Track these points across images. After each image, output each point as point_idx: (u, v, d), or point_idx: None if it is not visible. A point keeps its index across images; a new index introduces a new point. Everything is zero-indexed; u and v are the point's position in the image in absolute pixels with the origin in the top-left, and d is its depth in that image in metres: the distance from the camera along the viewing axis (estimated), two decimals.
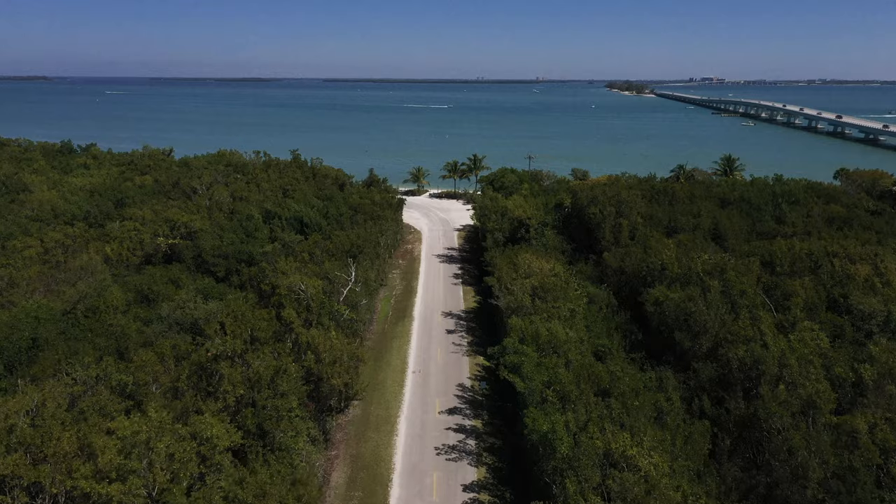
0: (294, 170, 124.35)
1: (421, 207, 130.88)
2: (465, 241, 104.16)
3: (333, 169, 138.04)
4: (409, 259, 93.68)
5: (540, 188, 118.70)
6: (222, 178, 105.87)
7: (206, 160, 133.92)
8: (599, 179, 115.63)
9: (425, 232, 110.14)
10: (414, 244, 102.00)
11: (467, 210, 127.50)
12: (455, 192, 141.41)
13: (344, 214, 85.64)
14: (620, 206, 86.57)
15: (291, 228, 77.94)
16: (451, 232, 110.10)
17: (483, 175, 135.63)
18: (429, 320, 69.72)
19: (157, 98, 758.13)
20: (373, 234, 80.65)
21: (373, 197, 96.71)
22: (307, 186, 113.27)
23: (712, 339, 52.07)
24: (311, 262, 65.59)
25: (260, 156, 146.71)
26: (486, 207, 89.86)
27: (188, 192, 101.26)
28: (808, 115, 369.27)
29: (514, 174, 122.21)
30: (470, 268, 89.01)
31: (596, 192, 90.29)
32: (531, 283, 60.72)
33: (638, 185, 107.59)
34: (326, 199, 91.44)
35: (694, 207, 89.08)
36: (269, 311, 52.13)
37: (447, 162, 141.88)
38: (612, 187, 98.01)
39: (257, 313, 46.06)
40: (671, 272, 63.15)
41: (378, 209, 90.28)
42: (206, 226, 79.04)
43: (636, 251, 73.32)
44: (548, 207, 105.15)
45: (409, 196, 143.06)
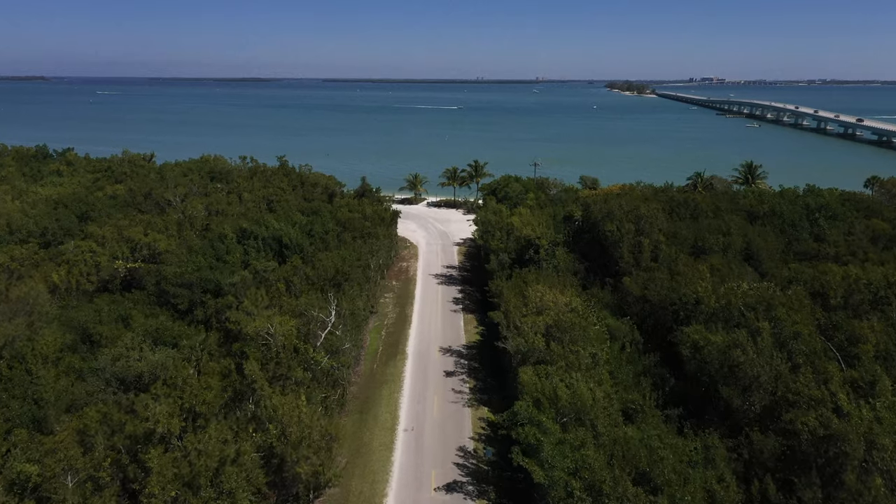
0: (280, 178, 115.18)
1: (418, 218, 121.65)
2: (466, 257, 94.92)
3: (324, 176, 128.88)
4: (404, 280, 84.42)
5: (547, 198, 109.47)
6: (199, 189, 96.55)
7: (188, 166, 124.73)
8: (612, 189, 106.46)
9: (422, 246, 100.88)
10: (409, 261, 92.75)
11: (468, 221, 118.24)
12: (454, 201, 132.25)
13: (330, 232, 76.41)
14: (640, 221, 77.36)
15: (269, 250, 68.70)
16: (450, 247, 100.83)
17: (485, 183, 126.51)
18: (424, 358, 60.46)
19: (152, 98, 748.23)
20: (363, 254, 71.44)
21: (364, 210, 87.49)
22: (293, 197, 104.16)
23: (768, 396, 42.87)
24: (288, 294, 56.37)
25: (246, 161, 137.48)
26: (490, 223, 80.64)
27: (162, 205, 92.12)
28: (817, 117, 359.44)
29: (518, 183, 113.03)
30: (471, 291, 79.75)
31: (611, 206, 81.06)
32: (544, 320, 51.53)
33: (654, 195, 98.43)
34: (312, 214, 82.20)
35: (721, 223, 79.86)
36: (228, 361, 42.98)
37: (446, 168, 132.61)
38: (629, 199, 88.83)
39: (202, 380, 36.75)
40: (707, 306, 53.94)
41: (369, 225, 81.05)
42: (174, 246, 69.80)
43: (661, 276, 64.13)
44: (556, 220, 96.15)
45: (406, 205, 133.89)
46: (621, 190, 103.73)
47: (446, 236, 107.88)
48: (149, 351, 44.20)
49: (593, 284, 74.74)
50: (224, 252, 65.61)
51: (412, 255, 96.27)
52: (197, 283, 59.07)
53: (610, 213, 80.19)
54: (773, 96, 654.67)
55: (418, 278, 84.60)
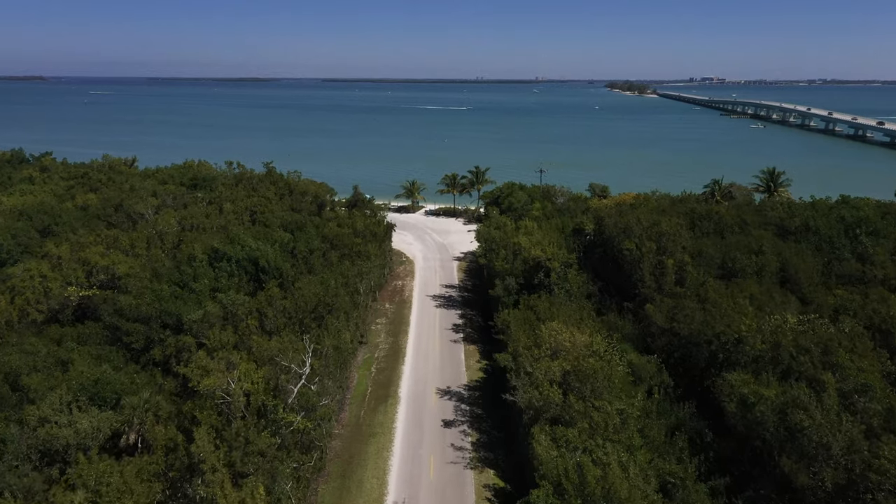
0: (267, 186, 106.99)
1: (415, 228, 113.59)
2: (467, 274, 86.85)
3: (314, 183, 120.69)
4: (399, 302, 76.34)
5: (554, 208, 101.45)
6: (175, 200, 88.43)
7: (170, 173, 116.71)
8: (624, 198, 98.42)
9: (419, 262, 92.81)
10: (405, 279, 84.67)
11: (468, 231, 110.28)
12: (454, 209, 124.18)
13: (316, 251, 68.32)
14: (661, 238, 69.38)
15: (244, 273, 60.61)
16: (449, 262, 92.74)
17: (486, 190, 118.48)
18: (420, 402, 52.40)
19: (146, 99, 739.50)
20: (351, 278, 63.36)
21: (354, 224, 79.40)
22: (279, 207, 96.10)
23: (842, 473, 34.83)
24: (261, 331, 48.30)
25: (232, 167, 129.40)
26: (493, 240, 72.57)
27: (135, 217, 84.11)
28: (826, 118, 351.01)
29: (522, 191, 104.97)
30: (473, 315, 71.68)
31: (629, 220, 73.01)
32: (561, 365, 43.49)
33: (672, 207, 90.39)
34: (296, 229, 74.08)
35: (751, 240, 71.73)
36: (174, 432, 34.96)
37: (445, 175, 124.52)
38: (646, 213, 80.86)
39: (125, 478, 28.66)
40: (752, 348, 45.89)
41: (360, 242, 72.97)
42: (137, 268, 61.70)
43: (690, 305, 56.07)
44: (564, 233, 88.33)
45: (402, 213, 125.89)
46: (635, 200, 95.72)
47: (445, 249, 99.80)
48: (80, 414, 36.11)
49: (609, 309, 66.94)
50: (192, 277, 57.50)
51: (408, 271, 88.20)
52: (156, 317, 50.99)
53: (627, 229, 72.21)
54: (773, 96, 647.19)
55: (414, 300, 76.52)
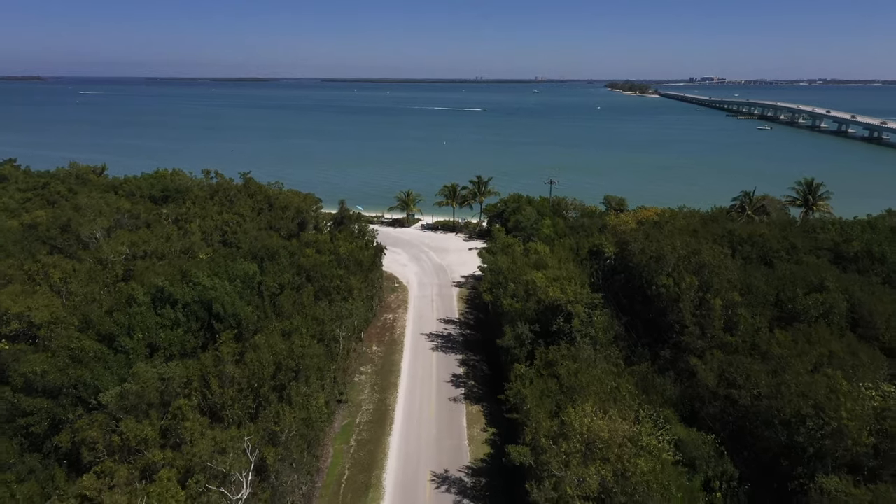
0: (244, 200, 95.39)
1: (410, 245, 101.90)
2: (469, 305, 75.23)
3: (297, 195, 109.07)
4: (388, 342, 64.67)
5: (566, 225, 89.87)
6: (129, 221, 76.71)
7: (137, 184, 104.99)
8: (646, 214, 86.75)
9: (413, 288, 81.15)
10: (397, 312, 73.03)
11: (470, 250, 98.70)
12: (454, 223, 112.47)
13: (287, 287, 56.64)
14: (702, 270, 57.84)
15: (194, 320, 48.94)
16: (448, 288, 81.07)
17: (490, 203, 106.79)
18: (410, 496, 40.76)
19: (139, 99, 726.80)
20: (328, 322, 51.71)
21: (337, 249, 67.70)
22: (256, 225, 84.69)
23: None
24: (197, 417, 36.62)
25: (209, 176, 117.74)
26: (501, 272, 60.85)
27: (85, 241, 72.53)
28: (839, 119, 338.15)
29: (530, 205, 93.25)
30: (476, 361, 60.07)
31: (662, 247, 61.32)
32: (598, 471, 31.89)
33: (703, 226, 78.82)
34: (267, 258, 62.33)
35: (807, 272, 60.10)
36: None
37: (444, 186, 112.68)
38: (677, 234, 69.20)
39: None
40: (855, 443, 34.22)
41: (343, 274, 61.27)
42: (63, 314, 50.04)
43: (753, 367, 44.55)
44: (580, 255, 77.02)
45: (396, 227, 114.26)
46: (659, 217, 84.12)
47: (444, 272, 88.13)
48: None
49: (641, 357, 55.60)
50: (125, 329, 45.79)
51: (401, 301, 76.52)
52: (68, 388, 39.39)
53: (661, 258, 60.56)
54: (774, 96, 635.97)
55: (407, 340, 64.85)
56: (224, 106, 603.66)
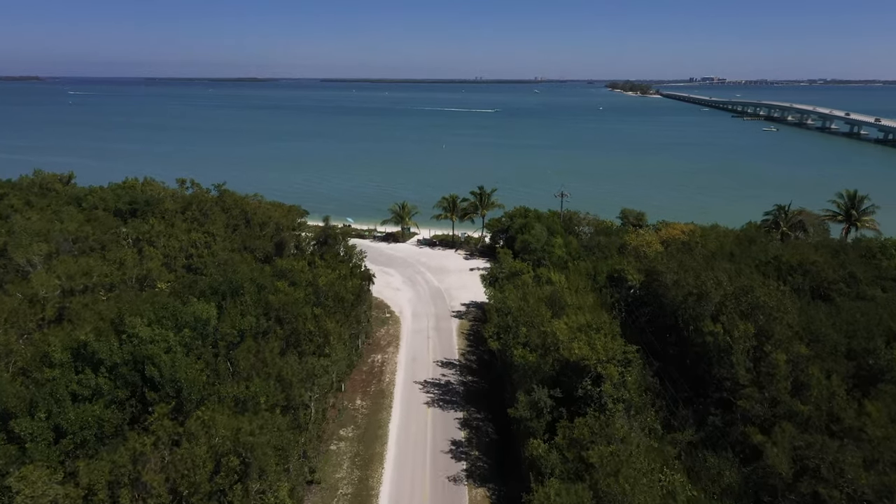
0: (218, 214, 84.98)
1: (404, 264, 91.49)
2: (471, 341, 64.81)
3: (280, 208, 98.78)
4: (374, 394, 54.24)
5: (579, 244, 79.56)
6: (74, 245, 66.20)
7: (102, 196, 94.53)
8: (672, 233, 76.40)
9: (406, 319, 70.74)
10: (386, 351, 62.61)
11: (471, 270, 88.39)
12: (453, 238, 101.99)
13: (250, 333, 46.23)
14: (755, 312, 47.53)
15: (123, 387, 38.51)
16: (446, 320, 70.64)
17: (493, 217, 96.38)
18: None
19: (132, 100, 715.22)
20: (296, 387, 41.27)
21: (316, 279, 57.22)
22: (228, 245, 74.30)
23: None
24: None
25: (185, 186, 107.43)
26: (511, 313, 50.32)
27: (23, 269, 62.10)
28: (850, 121, 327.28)
29: (538, 222, 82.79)
30: (480, 421, 49.67)
31: (704, 283, 50.86)
32: None
33: (741, 249, 68.51)
34: (231, 293, 51.87)
35: (881, 311, 49.77)
36: None
37: (443, 197, 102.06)
38: (717, 262, 58.76)
39: None
40: None
41: (320, 315, 50.81)
42: None
43: (841, 455, 34.31)
44: (598, 281, 67.07)
45: (390, 242, 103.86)
46: (688, 236, 73.79)
47: (441, 298, 77.73)
48: None
49: (682, 420, 45.56)
50: (26, 408, 35.32)
51: (392, 337, 66.10)
52: None
53: (704, 296, 50.15)
54: (775, 96, 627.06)
55: (397, 391, 54.43)
56: (219, 107, 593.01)
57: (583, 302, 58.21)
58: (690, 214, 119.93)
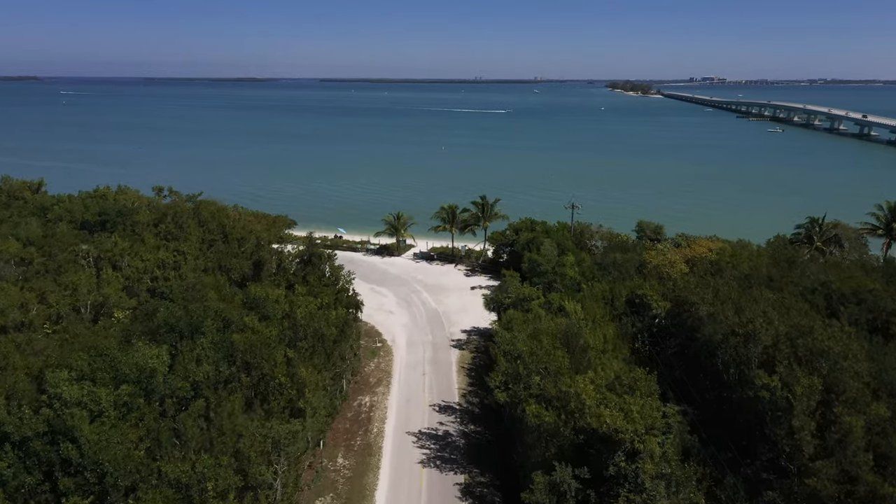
0: (194, 228, 76.89)
1: (399, 282, 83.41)
2: (474, 378, 56.69)
3: (264, 219, 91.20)
4: (360, 449, 46.07)
5: (592, 261, 71.52)
6: (17, 269, 58.05)
7: (68, 207, 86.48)
8: (698, 251, 68.27)
9: (400, 350, 62.65)
10: (375, 392, 54.51)
11: (473, 289, 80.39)
12: (452, 251, 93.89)
13: (207, 386, 38.17)
14: (816, 359, 39.51)
15: (36, 467, 30.46)
16: (445, 350, 62.53)
17: (496, 231, 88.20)
18: None
19: (126, 100, 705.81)
20: (254, 463, 33.13)
21: (294, 310, 49.14)
22: (200, 264, 66.31)
23: None
24: None
25: (162, 195, 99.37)
26: (523, 359, 42.13)
27: None
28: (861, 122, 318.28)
29: (547, 237, 74.61)
30: (484, 488, 41.54)
31: (752, 321, 42.73)
32: None
33: (776, 267, 60.46)
34: (191, 332, 43.74)
35: None
36: None
37: (441, 207, 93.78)
38: (758, 290, 50.66)
39: None
40: None
41: (294, 358, 42.69)
42: None
43: None
44: (616, 307, 59.45)
45: (384, 256, 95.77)
46: (717, 255, 65.62)
47: (439, 323, 69.63)
48: None
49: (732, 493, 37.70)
50: None
51: (382, 373, 57.99)
52: None
53: (751, 337, 42.05)
54: (775, 96, 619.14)
55: (386, 445, 46.31)
56: (215, 107, 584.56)
57: (603, 335, 50.53)
58: (708, 224, 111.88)
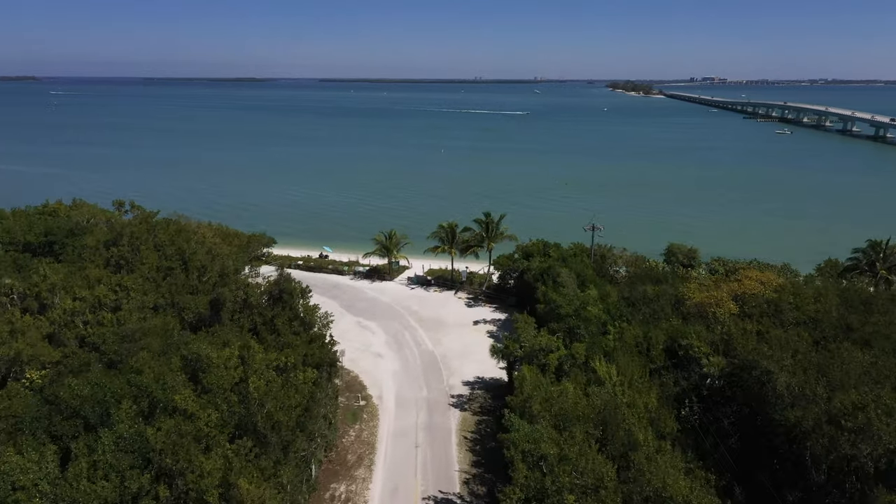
0: (149, 254, 65.41)
1: (389, 314, 71.86)
2: (479, 455, 45.15)
3: (238, 238, 79.96)
4: None
5: (619, 298, 59.87)
6: None
7: (7, 226, 74.94)
8: (749, 285, 56.60)
9: (388, 410, 51.07)
10: (353, 477, 42.96)
11: (476, 325, 68.92)
12: (452, 275, 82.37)
13: None
14: None
15: None
16: (443, 412, 50.93)
17: (503, 255, 76.55)
18: None
19: (123, 100, 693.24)
20: None
21: (248, 377, 37.76)
22: (146, 303, 54.83)
23: None
24: None
25: (123, 210, 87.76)
26: (548, 462, 30.56)
27: None
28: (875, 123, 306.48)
29: (564, 266, 62.98)
30: None
31: (865, 411, 31.26)
32: None
33: (848, 309, 49.00)
34: (100, 417, 32.33)
35: None
36: None
37: (439, 225, 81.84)
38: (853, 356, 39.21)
39: None
40: None
41: (238, 463, 31.25)
42: None
43: None
44: (652, 358, 48.52)
45: (374, 281, 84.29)
46: (776, 293, 53.97)
47: (436, 371, 58.06)
48: None
49: None
50: None
51: (363, 445, 46.40)
52: None
53: (863, 432, 30.57)
54: (776, 96, 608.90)
55: None
56: (212, 108, 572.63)
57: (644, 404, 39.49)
58: (734, 240, 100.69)
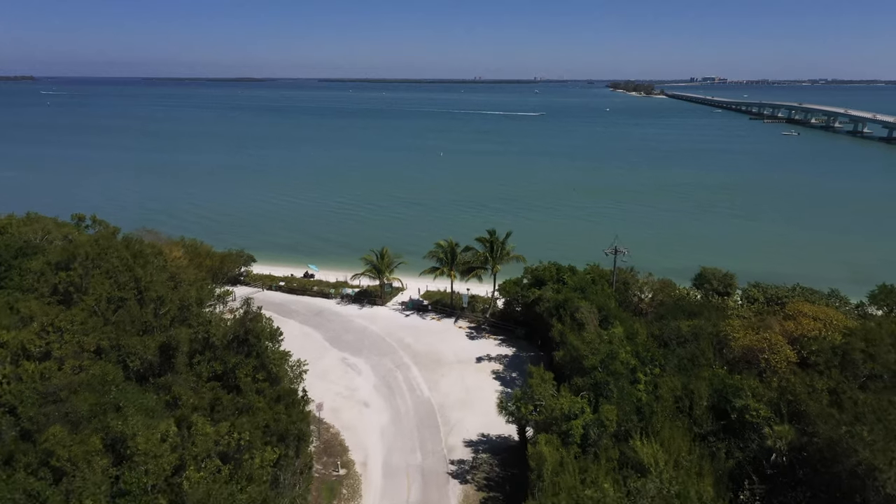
0: (99, 281, 56.10)
1: (379, 349, 62.62)
2: None
3: (210, 258, 70.93)
4: None
5: (649, 336, 50.64)
6: None
7: None
8: (805, 325, 47.44)
9: (372, 484, 41.86)
10: None
11: (479, 361, 59.74)
12: (452, 301, 73.16)
13: None
14: None
15: None
16: (442, 485, 41.76)
17: (509, 279, 67.15)
18: None
19: (120, 100, 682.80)
20: None
21: (185, 466, 28.63)
22: (89, 343, 45.71)
23: None
24: None
25: (83, 225, 78.48)
26: None
27: None
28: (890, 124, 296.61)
29: (583, 297, 53.75)
30: None
31: None
32: None
33: None
34: None
35: None
36: None
37: (437, 244, 72.37)
38: None
39: None
40: None
41: None
42: None
43: None
44: (692, 418, 39.61)
45: (364, 306, 75.11)
46: (847, 336, 44.77)
47: (433, 426, 48.81)
48: None
49: None
50: None
51: None
52: None
53: None
54: (777, 96, 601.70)
55: None
56: (209, 108, 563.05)
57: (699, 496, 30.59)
58: (768, 259, 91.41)
